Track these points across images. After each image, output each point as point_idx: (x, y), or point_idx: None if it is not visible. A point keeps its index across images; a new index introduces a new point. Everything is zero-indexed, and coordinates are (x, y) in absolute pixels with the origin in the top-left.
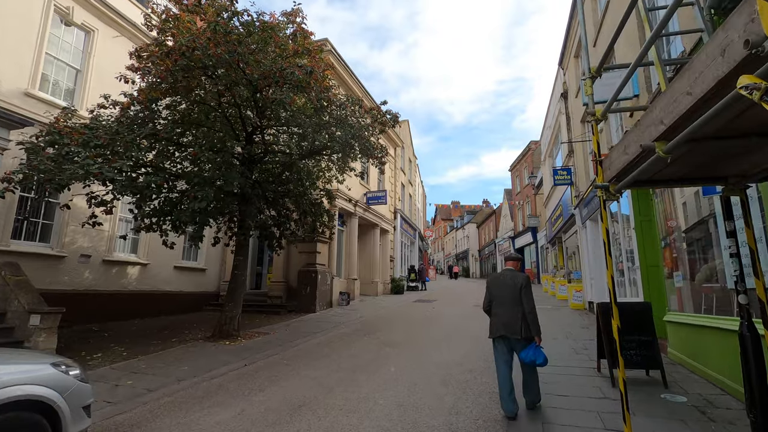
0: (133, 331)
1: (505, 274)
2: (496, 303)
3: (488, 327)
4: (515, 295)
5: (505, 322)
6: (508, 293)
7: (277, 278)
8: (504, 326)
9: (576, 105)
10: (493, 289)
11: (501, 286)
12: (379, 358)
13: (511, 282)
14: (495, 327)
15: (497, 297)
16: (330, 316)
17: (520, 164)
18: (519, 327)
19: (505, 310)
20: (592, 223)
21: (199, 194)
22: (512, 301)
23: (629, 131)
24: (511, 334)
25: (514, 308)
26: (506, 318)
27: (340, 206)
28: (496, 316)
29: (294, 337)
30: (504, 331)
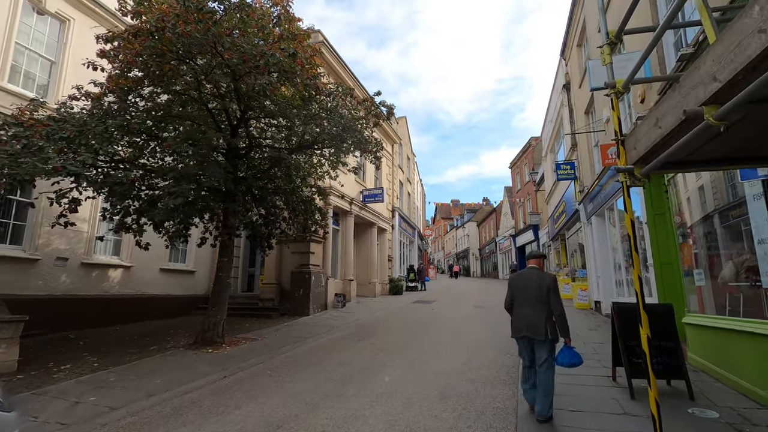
0: (113, 338)
1: (531, 274)
2: (518, 302)
3: (490, 329)
4: (541, 296)
5: (529, 323)
6: (533, 293)
7: (269, 280)
8: (527, 327)
9: (579, 96)
10: (517, 289)
11: (526, 285)
12: (373, 367)
13: (537, 282)
14: (517, 327)
15: (521, 296)
16: (324, 320)
17: (520, 161)
18: (543, 328)
19: (528, 310)
20: (598, 218)
21: (174, 190)
22: (537, 302)
23: (663, 99)
24: (535, 334)
25: (539, 309)
26: (530, 318)
27: (335, 204)
28: (520, 316)
29: (283, 343)
30: (527, 332)
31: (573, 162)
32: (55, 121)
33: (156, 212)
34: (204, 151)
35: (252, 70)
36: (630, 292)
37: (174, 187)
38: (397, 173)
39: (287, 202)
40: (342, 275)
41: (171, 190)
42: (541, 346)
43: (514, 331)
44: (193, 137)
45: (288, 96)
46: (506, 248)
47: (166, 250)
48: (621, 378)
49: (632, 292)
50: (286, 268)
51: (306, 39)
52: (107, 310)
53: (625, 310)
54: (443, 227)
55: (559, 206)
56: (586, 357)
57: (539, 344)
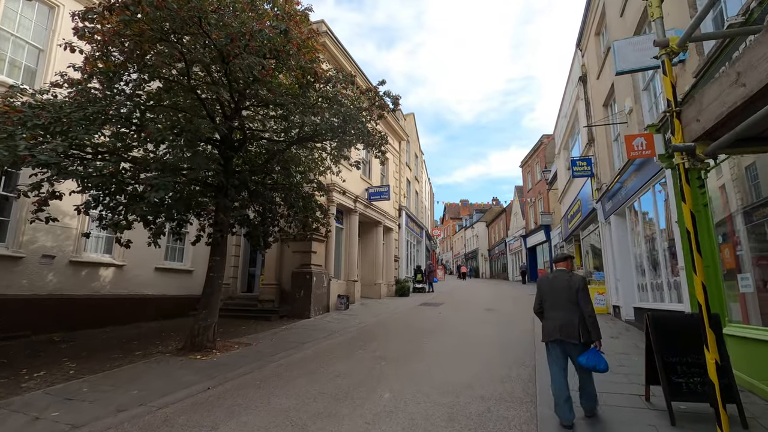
0: (99, 341)
1: (559, 276)
2: (549, 305)
3: (502, 335)
4: (572, 298)
5: (562, 326)
6: (564, 296)
7: (269, 280)
8: (560, 330)
9: (597, 88)
10: (547, 292)
11: (555, 288)
12: (372, 379)
13: (567, 284)
14: (550, 331)
15: (551, 299)
16: (325, 323)
17: (531, 160)
18: (576, 331)
19: (560, 313)
20: (618, 218)
21: (156, 183)
22: (568, 304)
23: (750, 49)
24: (568, 338)
25: (571, 311)
26: (562, 321)
27: (338, 202)
28: (551, 319)
29: (277, 349)
30: (560, 335)
31: (590, 158)
32: (30, 107)
33: (137, 206)
34: (189, 141)
35: (241, 51)
36: (656, 297)
37: (156, 180)
38: (405, 171)
39: (285, 199)
40: (345, 276)
41: (152, 182)
42: (575, 350)
43: (546, 335)
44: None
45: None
46: (516, 249)
47: (162, 249)
48: (656, 398)
49: (658, 298)
50: (287, 268)
51: (304, 21)
52: (97, 311)
53: (664, 322)
54: (452, 227)
55: (573, 205)
56: (613, 372)
57: (573, 348)
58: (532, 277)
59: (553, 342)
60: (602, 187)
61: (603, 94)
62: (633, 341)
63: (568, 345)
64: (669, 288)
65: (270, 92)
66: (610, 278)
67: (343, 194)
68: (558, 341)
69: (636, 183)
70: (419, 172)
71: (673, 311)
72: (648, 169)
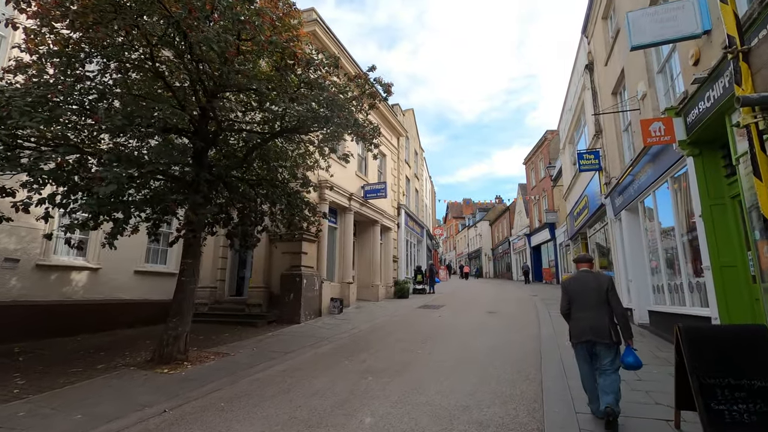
0: (65, 352)
1: (587, 277)
2: (577, 306)
3: (504, 342)
4: (602, 298)
5: (593, 326)
6: (594, 296)
7: (257, 283)
8: (591, 330)
9: (605, 75)
10: (575, 293)
11: (584, 288)
12: (354, 398)
13: (596, 284)
14: (580, 331)
15: (580, 300)
16: (315, 329)
17: (535, 156)
18: (608, 330)
19: (590, 313)
20: (630, 213)
21: (105, 175)
22: (598, 305)
23: None
24: (600, 338)
25: (601, 311)
26: (593, 321)
27: (331, 199)
28: (580, 320)
29: (257, 360)
30: (591, 336)
31: (597, 151)
32: None
33: (85, 202)
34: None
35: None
36: (674, 300)
37: (106, 172)
38: (404, 168)
39: (267, 195)
40: (340, 278)
41: (102, 174)
42: (605, 350)
43: (575, 335)
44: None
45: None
46: (520, 248)
47: (143, 251)
48: (688, 425)
49: (677, 301)
50: (276, 270)
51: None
52: (69, 319)
53: (700, 334)
54: (455, 226)
55: (579, 202)
56: (631, 388)
57: (603, 348)
58: (536, 277)
59: (583, 343)
60: (611, 181)
61: (612, 81)
62: (650, 349)
63: (598, 345)
64: (690, 290)
65: (240, 74)
66: (621, 279)
67: (336, 191)
68: (588, 342)
69: (651, 175)
70: (419, 169)
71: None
72: (665, 158)
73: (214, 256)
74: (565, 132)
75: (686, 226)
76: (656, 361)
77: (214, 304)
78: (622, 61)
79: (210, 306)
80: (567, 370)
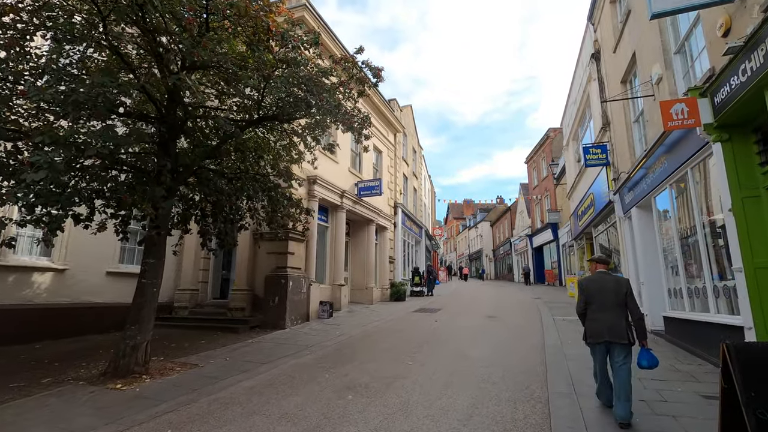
0: (15, 362)
1: (606, 278)
2: (596, 307)
3: (505, 351)
4: (620, 300)
5: (611, 327)
6: (612, 298)
7: (241, 285)
8: (609, 331)
9: (614, 63)
10: (594, 293)
11: (602, 290)
12: (329, 422)
13: (614, 286)
14: (597, 332)
15: (598, 301)
16: (300, 335)
17: (537, 155)
18: (625, 331)
19: (608, 314)
20: (641, 211)
21: (36, 159)
22: (616, 306)
23: None
24: (618, 339)
25: (618, 313)
26: (611, 322)
27: (321, 196)
28: (598, 321)
29: (227, 373)
30: (609, 336)
31: (605, 145)
32: None
33: (15, 191)
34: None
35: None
36: (695, 305)
37: (37, 156)
38: (401, 166)
39: (241, 189)
40: (331, 280)
41: (32, 159)
42: (621, 350)
43: (592, 336)
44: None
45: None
46: (522, 249)
47: (116, 250)
48: None
49: (698, 306)
50: (261, 272)
51: None
52: (29, 324)
53: (758, 357)
54: (455, 227)
55: (584, 200)
56: (655, 412)
57: (619, 348)
58: (539, 279)
59: (601, 343)
60: (620, 176)
61: (621, 68)
62: (668, 361)
63: (615, 345)
64: (716, 295)
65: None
66: (631, 281)
67: (326, 188)
68: (605, 342)
69: (667, 167)
70: (418, 168)
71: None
72: (684, 147)
73: (196, 257)
74: (569, 128)
75: (710, 223)
76: (678, 376)
77: (196, 308)
78: (633, 44)
79: (191, 310)
80: (576, 385)
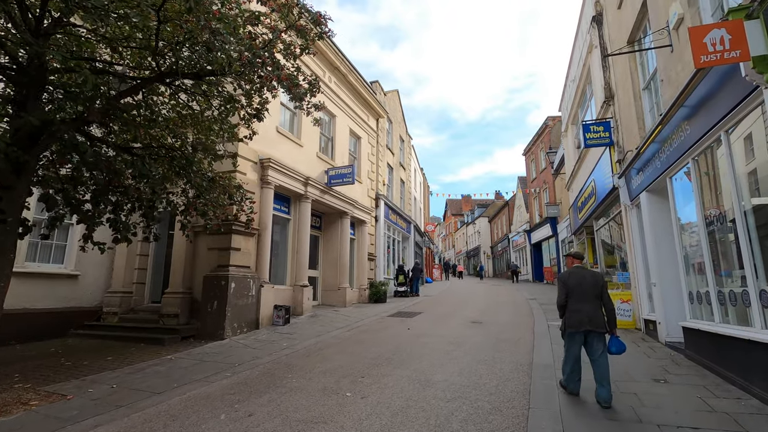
0: None
1: (584, 272)
2: (576, 299)
3: (480, 374)
4: (597, 293)
5: (591, 317)
6: (591, 290)
7: (176, 288)
8: (590, 321)
9: (618, 21)
10: (574, 286)
11: (582, 283)
12: None
13: (593, 280)
14: (578, 322)
15: (579, 293)
16: (237, 349)
17: (535, 146)
18: (603, 321)
19: (588, 305)
20: (653, 196)
21: None
22: (594, 298)
23: None
24: (597, 327)
25: (596, 304)
26: (591, 313)
27: (279, 183)
28: (579, 312)
29: (95, 410)
30: (590, 325)
31: (608, 121)
32: None
33: None
34: None
35: None
36: (727, 315)
37: None
38: (385, 154)
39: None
40: (292, 280)
41: None
42: (598, 338)
43: (575, 325)
44: None
45: None
46: (520, 245)
47: (23, 246)
48: None
49: (732, 316)
50: (202, 272)
51: None
52: None
53: None
54: (453, 224)
55: (584, 189)
56: None
57: (596, 337)
58: (537, 277)
59: (582, 332)
60: (627, 156)
61: (628, 25)
62: (696, 392)
63: (593, 334)
64: (764, 304)
65: None
66: (639, 281)
67: (285, 173)
68: (585, 331)
69: (691, 134)
70: (406, 158)
71: None
72: (718, 102)
73: (130, 254)
74: (568, 110)
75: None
76: (714, 421)
77: (128, 313)
78: None
79: (120, 316)
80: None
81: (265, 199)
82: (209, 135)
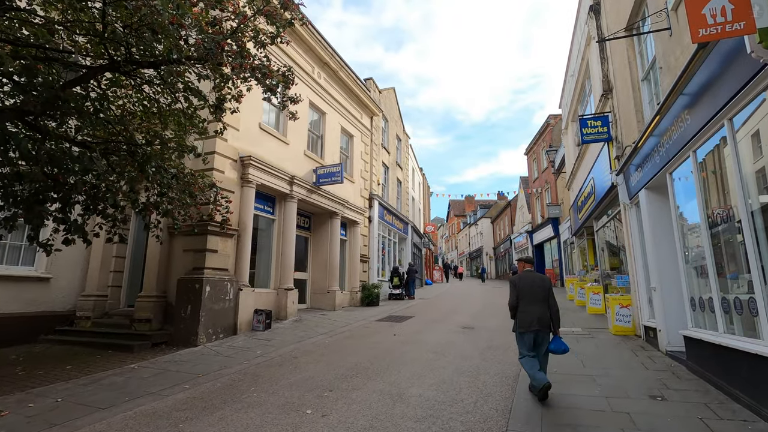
0: None
1: (533, 276)
2: (527, 301)
3: (462, 387)
4: (545, 295)
5: (539, 318)
6: (539, 293)
7: (149, 291)
8: (538, 321)
9: (615, 10)
10: (525, 289)
11: (532, 285)
12: None
13: (541, 283)
14: (529, 322)
15: (529, 295)
16: (209, 357)
17: (537, 146)
18: (549, 321)
19: (536, 307)
20: (652, 193)
21: None
22: (542, 300)
23: None
24: (544, 327)
25: (543, 306)
26: (540, 314)
27: (261, 182)
28: (529, 313)
29: (20, 430)
30: (538, 326)
31: (606, 116)
32: None
33: None
34: None
35: None
36: (732, 324)
37: None
38: (380, 154)
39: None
40: (276, 283)
41: None
42: (545, 337)
43: (525, 326)
44: None
45: None
46: (522, 246)
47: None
48: None
49: (738, 326)
50: (177, 274)
51: None
52: None
53: None
54: (456, 225)
55: (584, 188)
56: None
57: (543, 335)
58: None
59: (531, 332)
60: (625, 151)
61: (626, 11)
62: (696, 412)
63: (541, 333)
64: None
65: None
66: (639, 285)
67: (268, 171)
68: (535, 331)
69: (691, 124)
70: (403, 158)
71: None
72: (722, 84)
73: (104, 256)
74: (568, 107)
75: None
76: None
77: (102, 318)
78: None
79: (94, 320)
80: None
81: (246, 198)
82: (178, 130)
